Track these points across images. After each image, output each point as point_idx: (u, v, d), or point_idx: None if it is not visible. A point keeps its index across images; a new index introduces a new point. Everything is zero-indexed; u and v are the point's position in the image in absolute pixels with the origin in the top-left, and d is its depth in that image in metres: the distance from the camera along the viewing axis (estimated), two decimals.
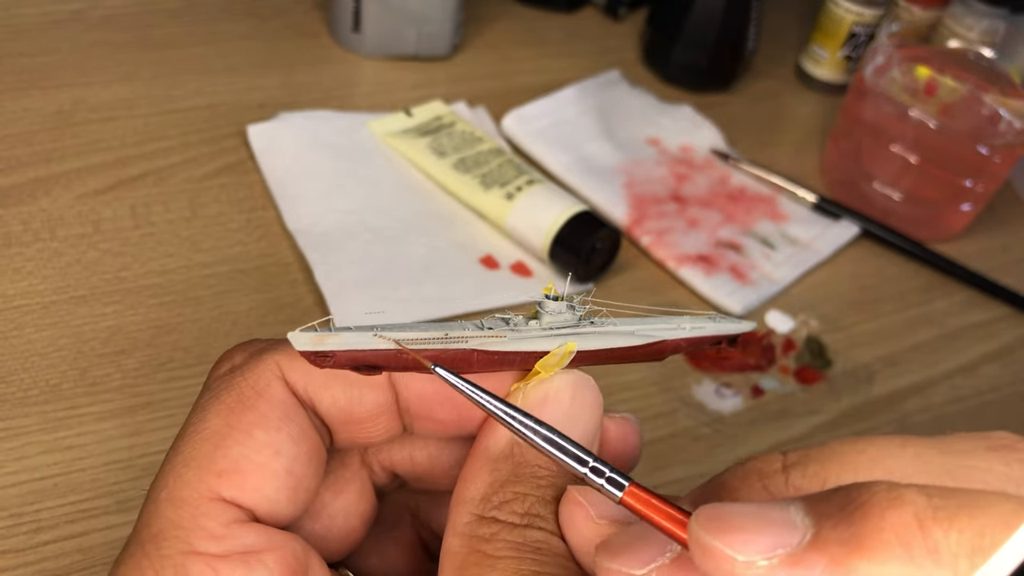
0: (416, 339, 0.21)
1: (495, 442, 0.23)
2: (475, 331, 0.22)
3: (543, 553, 0.21)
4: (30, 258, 0.47)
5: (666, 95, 0.68)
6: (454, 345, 0.22)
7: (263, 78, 0.61)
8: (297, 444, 0.23)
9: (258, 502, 0.22)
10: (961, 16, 0.64)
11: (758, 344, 0.51)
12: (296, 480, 0.23)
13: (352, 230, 0.52)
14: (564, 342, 0.24)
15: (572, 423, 0.23)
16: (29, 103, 0.55)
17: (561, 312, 0.24)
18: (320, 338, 0.20)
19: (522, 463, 0.22)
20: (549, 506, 0.22)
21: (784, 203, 0.61)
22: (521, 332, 0.23)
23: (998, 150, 0.56)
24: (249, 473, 0.22)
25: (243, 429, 0.22)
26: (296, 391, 0.23)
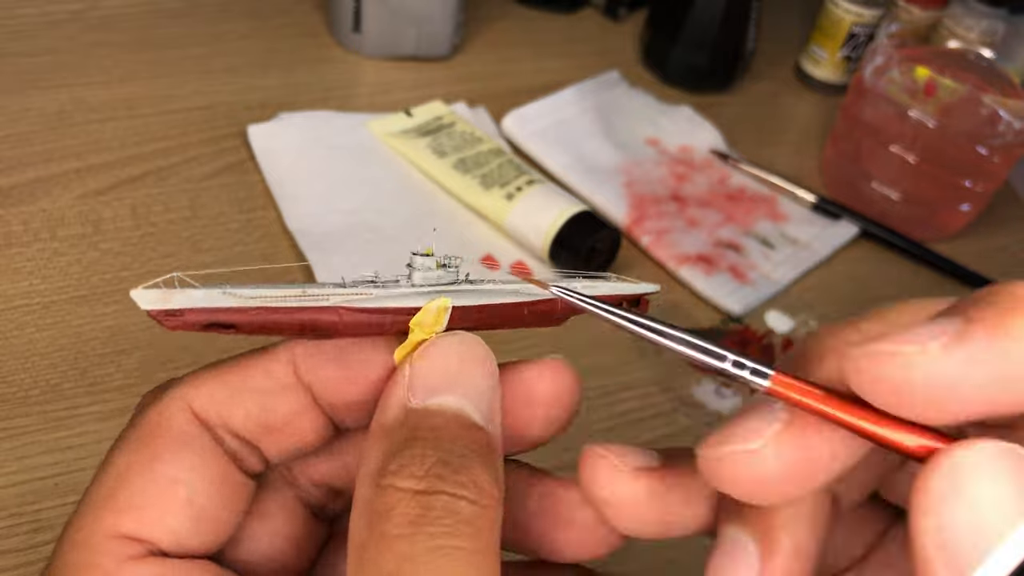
0: (271, 296, 0.21)
1: (386, 415, 0.21)
2: (335, 288, 0.21)
3: (444, 523, 0.19)
4: (30, 258, 0.47)
5: (666, 96, 0.68)
6: (314, 302, 0.21)
7: (263, 78, 0.61)
8: (198, 472, 0.22)
9: (161, 535, 0.21)
10: (960, 16, 0.64)
11: (758, 344, 0.51)
12: (198, 509, 0.22)
13: (352, 230, 0.52)
14: (437, 299, 0.22)
15: (466, 380, 0.22)
16: (29, 103, 0.55)
17: (431, 268, 0.23)
18: (166, 295, 0.20)
19: (418, 426, 0.20)
20: (452, 465, 0.20)
21: (783, 203, 0.61)
22: (389, 289, 0.22)
23: (997, 150, 0.57)
24: (147, 507, 0.21)
25: (143, 463, 0.22)
26: (205, 418, 0.23)
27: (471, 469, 0.20)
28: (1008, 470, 0.16)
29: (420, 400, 0.21)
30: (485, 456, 0.21)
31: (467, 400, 0.21)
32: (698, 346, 0.19)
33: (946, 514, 0.16)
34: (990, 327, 0.17)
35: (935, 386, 0.17)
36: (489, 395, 0.22)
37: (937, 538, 0.16)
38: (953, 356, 0.17)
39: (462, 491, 0.19)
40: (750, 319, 0.53)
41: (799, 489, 0.19)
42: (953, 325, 0.17)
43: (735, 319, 0.52)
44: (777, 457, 0.19)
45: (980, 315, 0.17)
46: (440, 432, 0.20)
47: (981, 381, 0.17)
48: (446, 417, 0.21)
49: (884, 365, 0.17)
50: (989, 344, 0.17)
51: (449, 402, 0.21)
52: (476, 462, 0.20)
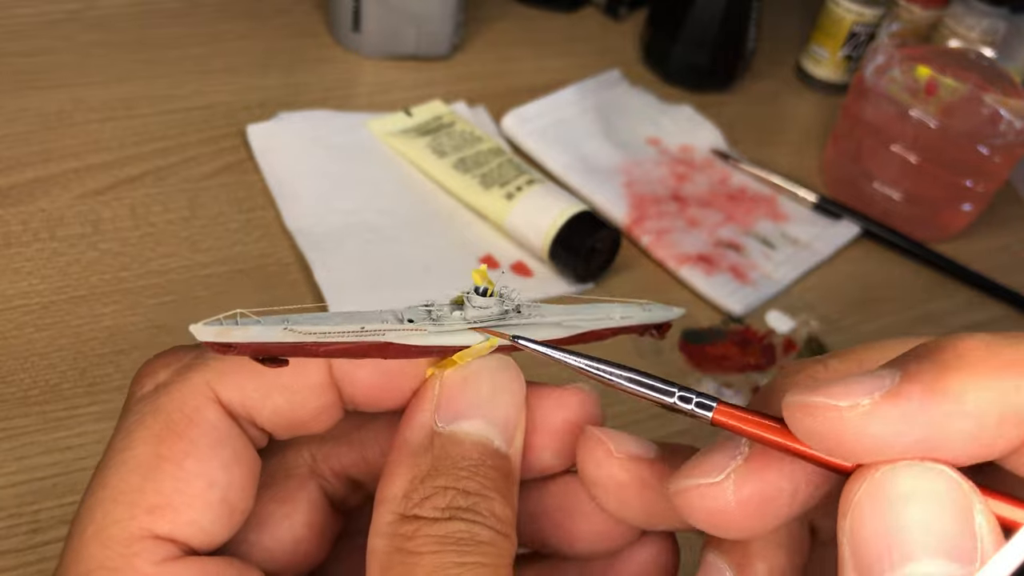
0: (329, 332, 0.21)
1: (413, 434, 0.22)
2: (394, 323, 0.22)
3: (465, 544, 0.20)
4: (29, 258, 0.47)
5: (666, 95, 0.68)
6: (370, 338, 0.21)
7: (263, 78, 0.61)
8: (231, 471, 0.22)
9: (193, 534, 0.21)
10: (961, 16, 0.64)
11: (758, 344, 0.51)
12: (231, 507, 0.22)
13: (352, 230, 0.52)
14: (486, 336, 0.23)
15: (493, 406, 0.22)
16: (28, 103, 0.55)
17: (488, 307, 0.23)
18: (224, 331, 0.20)
19: (442, 455, 0.21)
20: (471, 497, 0.21)
21: (784, 203, 0.61)
22: (443, 325, 0.22)
23: (998, 150, 0.56)
24: (182, 507, 0.21)
25: (174, 459, 0.21)
26: (232, 408, 0.22)
27: (490, 502, 0.21)
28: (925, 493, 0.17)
29: (446, 424, 0.22)
30: (504, 486, 0.22)
31: (492, 427, 0.22)
32: (645, 383, 0.20)
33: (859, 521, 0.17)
34: (926, 386, 0.17)
35: (866, 439, 0.17)
36: (514, 421, 0.23)
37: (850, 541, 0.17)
38: (884, 414, 0.17)
39: (481, 520, 0.21)
40: (751, 319, 0.53)
41: (760, 523, 0.20)
42: (890, 380, 0.17)
43: (736, 319, 0.52)
44: (736, 491, 0.19)
45: (918, 371, 0.17)
46: (463, 462, 0.21)
47: (913, 438, 0.17)
48: (470, 444, 0.22)
49: (816, 417, 0.18)
50: (922, 404, 0.17)
51: (475, 429, 0.22)
52: (495, 494, 0.21)
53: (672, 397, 0.20)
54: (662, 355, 0.49)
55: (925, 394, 0.17)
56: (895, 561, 0.16)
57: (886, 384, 0.17)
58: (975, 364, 0.17)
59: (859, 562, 0.17)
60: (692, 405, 0.20)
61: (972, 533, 0.16)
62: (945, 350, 0.17)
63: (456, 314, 0.22)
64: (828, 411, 0.17)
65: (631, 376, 0.20)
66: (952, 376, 0.17)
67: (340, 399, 0.23)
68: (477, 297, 0.23)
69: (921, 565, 0.16)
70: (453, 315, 0.22)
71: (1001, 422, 0.17)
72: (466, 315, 0.23)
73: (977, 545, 0.16)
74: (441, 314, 0.22)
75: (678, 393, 0.20)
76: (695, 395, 0.20)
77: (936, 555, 0.16)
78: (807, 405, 0.18)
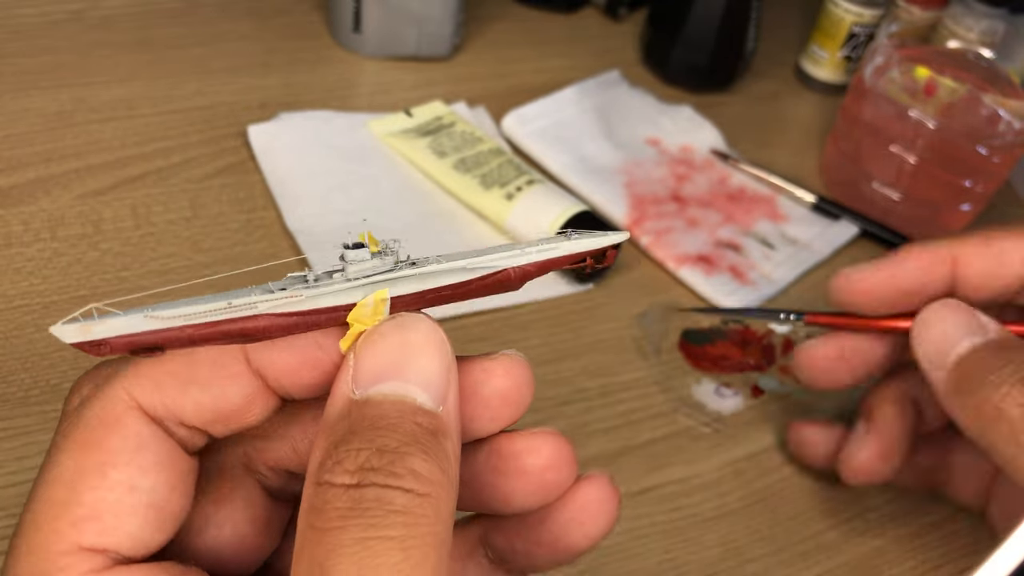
0: (194, 312, 0.20)
1: (332, 408, 0.21)
2: (263, 294, 0.21)
3: (372, 514, 0.19)
4: (30, 258, 0.47)
5: (666, 95, 0.68)
6: (240, 313, 0.21)
7: (263, 78, 0.61)
8: (155, 475, 0.22)
9: (121, 541, 0.21)
10: (960, 16, 0.64)
11: (758, 344, 0.51)
12: (159, 510, 0.22)
13: (352, 230, 0.52)
14: (374, 290, 0.22)
15: (411, 364, 0.21)
16: (29, 103, 0.55)
17: (365, 259, 0.22)
18: (86, 328, 0.19)
19: (358, 419, 0.20)
20: (386, 456, 0.19)
21: (783, 203, 0.62)
22: (320, 288, 0.21)
23: (997, 150, 0.57)
24: (107, 516, 0.21)
25: (95, 470, 0.21)
26: (153, 411, 0.22)
27: (408, 458, 0.19)
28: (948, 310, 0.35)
29: (362, 390, 0.21)
30: (428, 442, 0.20)
31: (412, 384, 0.21)
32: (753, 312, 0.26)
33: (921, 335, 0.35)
34: None
35: None
36: (440, 375, 0.21)
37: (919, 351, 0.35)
38: None
39: (396, 481, 0.19)
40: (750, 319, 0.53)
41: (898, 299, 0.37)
42: None
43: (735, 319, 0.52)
44: None
45: None
46: (379, 422, 0.20)
47: None
48: (387, 405, 0.20)
49: None
50: None
51: (394, 388, 0.21)
52: (416, 449, 0.20)
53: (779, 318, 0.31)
54: (663, 355, 0.50)
55: None
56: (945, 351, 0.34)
57: None
58: None
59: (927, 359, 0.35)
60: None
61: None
62: None
63: (337, 275, 0.22)
64: None
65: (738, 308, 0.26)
66: None
67: (267, 387, 0.23)
68: (349, 251, 0.22)
69: None
70: (333, 278, 0.22)
71: None
72: (346, 273, 0.22)
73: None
74: (318, 277, 0.22)
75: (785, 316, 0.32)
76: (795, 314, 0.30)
77: None
78: None
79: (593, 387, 0.47)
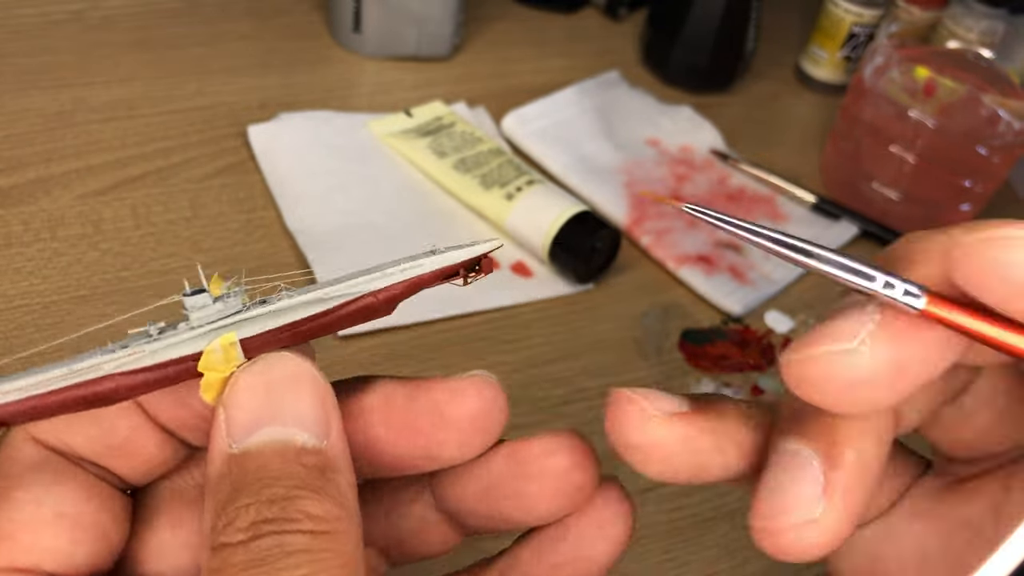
0: (31, 384, 0.19)
1: (211, 464, 0.20)
2: (106, 356, 0.20)
3: (275, 559, 0.18)
4: (30, 258, 0.47)
5: (666, 96, 0.68)
6: (85, 376, 0.20)
7: (263, 78, 0.61)
8: (60, 487, 0.21)
9: (40, 557, 0.21)
10: (960, 17, 0.64)
11: (758, 344, 0.51)
12: (72, 520, 0.21)
13: (352, 230, 0.52)
14: (220, 335, 0.20)
15: (283, 405, 0.20)
16: (29, 103, 0.55)
17: (207, 305, 0.21)
18: None
19: (240, 475, 0.19)
20: (276, 505, 0.19)
21: (783, 203, 0.62)
22: (164, 340, 0.20)
23: (997, 150, 0.57)
24: (15, 533, 0.20)
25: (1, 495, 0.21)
26: (49, 443, 0.22)
27: (299, 502, 0.19)
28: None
29: (239, 443, 0.20)
30: (317, 481, 0.20)
31: (288, 426, 0.20)
32: (847, 266, 0.19)
33: None
34: None
35: None
36: (316, 409, 0.21)
37: None
38: None
39: (292, 526, 0.19)
40: (750, 319, 0.53)
41: (891, 393, 0.18)
42: None
43: (735, 319, 0.52)
44: (873, 357, 0.18)
45: None
46: (262, 472, 0.19)
47: None
48: (268, 454, 0.20)
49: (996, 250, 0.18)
50: None
51: (271, 435, 0.20)
52: (306, 492, 0.19)
53: (874, 283, 0.18)
54: (663, 355, 0.50)
55: None
56: None
57: None
58: None
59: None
60: (898, 293, 0.18)
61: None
62: None
63: (181, 326, 0.21)
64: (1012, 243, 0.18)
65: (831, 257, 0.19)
66: None
67: (157, 427, 0.23)
68: (188, 299, 0.21)
69: None
70: (179, 327, 0.21)
71: None
72: (190, 322, 0.21)
73: None
74: (163, 329, 0.21)
75: (882, 278, 0.18)
76: (900, 281, 0.18)
77: None
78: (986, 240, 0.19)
79: (593, 387, 0.47)
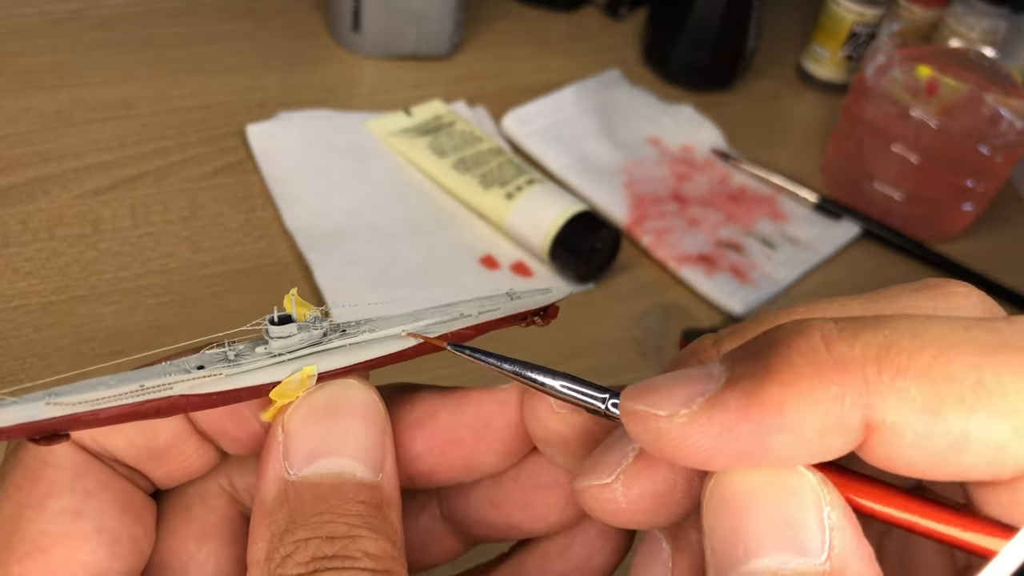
0: (102, 398, 0.19)
1: (267, 489, 0.20)
2: (181, 375, 0.20)
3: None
4: (29, 258, 0.47)
5: (666, 95, 0.68)
6: (155, 395, 0.19)
7: (262, 78, 0.61)
8: (99, 497, 0.21)
9: (76, 572, 0.20)
10: (962, 15, 0.64)
11: None
12: (111, 535, 0.21)
13: (352, 230, 0.52)
14: (300, 367, 0.20)
15: (345, 437, 0.20)
16: (28, 103, 0.55)
17: (292, 334, 0.20)
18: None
19: (298, 505, 0.19)
20: (337, 543, 0.19)
21: (785, 203, 0.61)
22: (242, 365, 0.20)
23: (999, 150, 0.56)
24: (52, 547, 0.20)
25: (35, 504, 0.20)
26: (85, 445, 0.21)
27: (359, 541, 0.19)
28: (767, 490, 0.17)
29: (297, 470, 0.20)
30: (375, 519, 0.20)
31: (349, 458, 0.20)
32: (577, 389, 0.20)
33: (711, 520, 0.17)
34: (744, 396, 0.16)
35: (687, 449, 0.17)
36: (376, 443, 0.21)
37: (708, 539, 0.17)
38: (703, 426, 0.16)
39: (352, 563, 0.19)
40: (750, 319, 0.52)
41: (654, 519, 0.19)
42: (716, 383, 0.17)
43: (736, 319, 0.52)
44: (625, 491, 0.19)
45: (742, 375, 0.16)
46: (322, 506, 0.19)
47: (734, 449, 0.16)
48: (327, 486, 0.20)
49: (640, 425, 0.17)
50: (739, 417, 0.16)
51: (329, 466, 0.20)
52: (365, 531, 0.19)
53: (604, 404, 0.19)
54: (663, 354, 0.49)
55: (743, 405, 0.16)
56: (743, 557, 0.16)
57: (710, 388, 0.17)
58: (800, 367, 0.16)
59: (715, 559, 0.17)
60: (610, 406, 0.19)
61: (820, 525, 0.16)
62: (777, 346, 0.16)
63: (260, 350, 0.20)
64: (648, 420, 0.17)
65: (564, 383, 0.20)
66: (774, 385, 0.16)
67: (195, 430, 0.22)
68: (273, 327, 0.20)
69: (768, 560, 0.16)
70: (256, 351, 0.20)
71: (823, 434, 0.16)
72: (270, 348, 0.20)
73: (825, 537, 0.16)
74: (240, 352, 0.20)
75: (610, 400, 0.19)
76: (610, 395, 0.19)
77: (783, 550, 0.16)
78: (631, 412, 0.17)
79: None
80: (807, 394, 0.16)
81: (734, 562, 0.17)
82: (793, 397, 0.16)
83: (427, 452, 0.23)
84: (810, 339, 0.16)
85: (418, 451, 0.23)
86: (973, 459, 0.16)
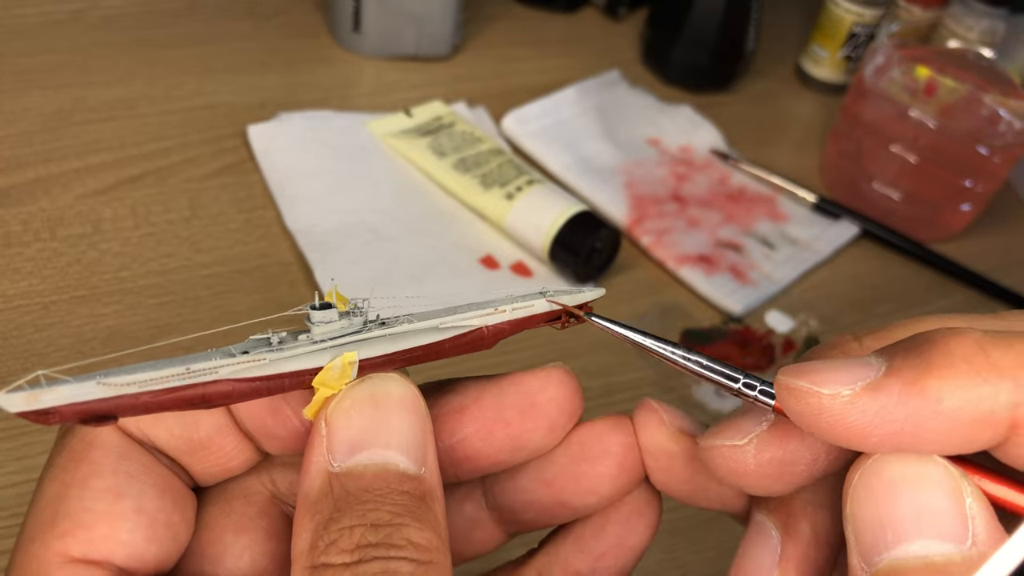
0: (150, 379, 0.19)
1: (311, 482, 0.20)
2: (225, 359, 0.20)
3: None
4: (30, 258, 0.47)
5: (666, 95, 0.68)
6: (200, 378, 0.20)
7: (263, 78, 0.61)
8: (140, 480, 0.21)
9: (113, 550, 0.21)
10: (961, 16, 0.64)
11: (758, 344, 0.51)
12: (150, 517, 0.21)
13: (352, 230, 0.52)
14: (341, 353, 0.21)
15: (388, 429, 0.21)
16: (29, 103, 0.55)
17: (333, 320, 0.21)
18: (33, 397, 0.18)
19: (342, 495, 0.20)
20: (381, 530, 0.19)
21: (784, 203, 0.61)
22: (285, 351, 0.20)
23: (998, 150, 0.56)
24: (93, 524, 0.20)
25: (78, 483, 0.21)
26: (131, 432, 0.22)
27: (404, 529, 0.19)
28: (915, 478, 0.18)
29: (341, 462, 0.20)
30: (419, 509, 0.20)
31: (392, 450, 0.20)
32: (714, 369, 0.22)
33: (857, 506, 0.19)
34: (906, 383, 0.18)
35: (844, 427, 0.18)
36: (418, 436, 0.21)
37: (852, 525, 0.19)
38: (862, 405, 0.18)
39: (398, 552, 0.19)
40: (750, 319, 0.53)
41: (778, 485, 0.21)
42: (875, 371, 0.18)
43: (735, 319, 0.52)
44: (756, 455, 0.21)
45: (903, 366, 0.18)
46: (366, 495, 0.20)
47: (888, 431, 0.18)
48: (371, 476, 0.20)
49: (800, 400, 0.19)
50: (900, 401, 0.18)
51: (372, 457, 0.20)
52: (409, 520, 0.20)
53: (737, 383, 0.21)
54: None
55: (904, 391, 0.18)
56: (890, 543, 0.18)
57: (871, 375, 0.18)
58: (959, 364, 0.18)
59: (860, 545, 0.18)
60: (756, 392, 0.21)
61: (963, 514, 0.18)
62: (936, 345, 0.18)
63: (302, 337, 0.21)
64: (811, 396, 0.18)
65: (700, 360, 0.22)
66: (934, 375, 0.18)
67: (236, 426, 0.23)
68: (315, 312, 0.21)
69: (915, 546, 0.17)
70: (299, 339, 0.21)
71: (973, 426, 0.17)
72: (312, 335, 0.21)
73: (968, 525, 0.18)
74: (283, 340, 0.21)
75: (743, 380, 0.21)
76: (759, 383, 0.21)
77: (928, 536, 0.17)
78: (793, 388, 0.19)
79: (593, 387, 0.47)
80: (964, 388, 0.17)
81: (881, 548, 0.18)
82: (951, 389, 0.17)
83: (473, 435, 0.24)
84: (968, 343, 0.18)
85: (464, 434, 0.24)
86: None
